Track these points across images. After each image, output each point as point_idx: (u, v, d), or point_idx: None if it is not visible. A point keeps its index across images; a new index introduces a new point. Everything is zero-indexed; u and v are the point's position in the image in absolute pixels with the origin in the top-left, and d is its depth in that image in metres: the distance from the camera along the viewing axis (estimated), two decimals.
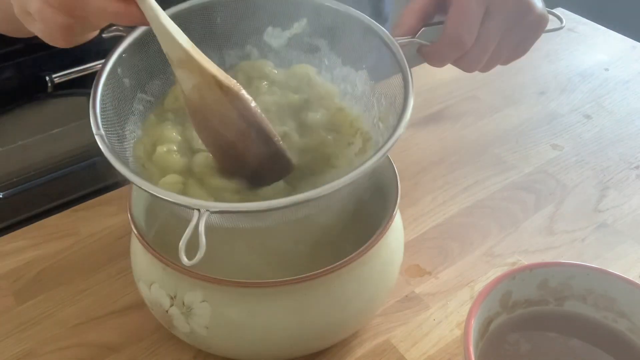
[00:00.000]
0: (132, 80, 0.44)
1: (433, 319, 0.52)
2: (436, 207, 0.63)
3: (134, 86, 0.44)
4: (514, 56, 0.46)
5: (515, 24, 0.43)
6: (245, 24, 0.45)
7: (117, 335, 0.51)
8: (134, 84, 0.44)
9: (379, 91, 0.45)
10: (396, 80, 0.42)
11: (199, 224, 0.33)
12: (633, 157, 0.70)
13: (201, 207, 0.34)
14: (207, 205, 0.34)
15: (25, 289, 0.54)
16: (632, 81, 0.82)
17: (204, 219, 0.33)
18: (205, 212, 0.34)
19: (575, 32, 0.93)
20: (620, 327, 0.45)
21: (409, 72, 0.41)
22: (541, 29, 0.44)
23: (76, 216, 0.61)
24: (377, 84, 0.45)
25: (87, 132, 0.41)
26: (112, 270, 0.56)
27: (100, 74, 0.41)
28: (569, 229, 0.61)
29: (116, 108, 0.42)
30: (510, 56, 0.46)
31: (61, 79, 1.05)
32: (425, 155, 0.69)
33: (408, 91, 0.40)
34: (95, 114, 0.39)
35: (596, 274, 0.45)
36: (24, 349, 0.50)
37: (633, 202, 0.65)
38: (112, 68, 0.42)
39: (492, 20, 0.41)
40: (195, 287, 0.42)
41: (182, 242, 0.33)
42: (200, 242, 0.33)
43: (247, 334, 0.43)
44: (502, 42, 0.43)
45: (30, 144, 1.12)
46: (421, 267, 0.57)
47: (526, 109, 0.78)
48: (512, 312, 0.46)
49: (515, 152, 0.71)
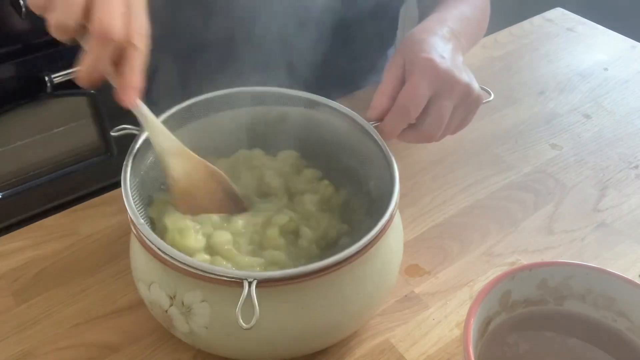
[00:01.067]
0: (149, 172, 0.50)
1: (432, 318, 0.52)
2: (436, 207, 0.63)
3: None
4: (460, 127, 0.57)
5: (460, 104, 0.53)
6: None
7: (116, 336, 0.51)
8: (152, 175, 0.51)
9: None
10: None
11: (251, 293, 0.38)
12: (632, 156, 0.70)
13: (249, 277, 0.39)
14: (255, 275, 0.39)
15: (24, 289, 0.54)
16: (631, 81, 0.83)
17: (254, 287, 0.38)
18: (254, 281, 0.39)
19: (574, 32, 0.93)
20: (620, 326, 0.45)
21: (393, 160, 0.48)
22: (479, 104, 0.55)
23: (75, 216, 0.61)
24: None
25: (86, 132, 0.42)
26: (111, 270, 0.56)
27: (125, 170, 0.46)
28: (568, 229, 0.61)
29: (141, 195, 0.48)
30: (457, 128, 0.56)
31: (60, 79, 1.05)
32: (424, 155, 0.69)
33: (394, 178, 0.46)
34: (131, 206, 0.44)
35: (595, 274, 0.45)
36: (23, 349, 0.50)
37: (632, 201, 0.65)
38: (133, 164, 0.47)
39: (443, 100, 0.51)
40: (195, 287, 0.42)
41: (238, 309, 0.38)
42: (255, 308, 0.38)
43: (247, 333, 0.43)
44: (452, 117, 0.53)
45: (30, 144, 1.12)
46: (421, 266, 0.57)
47: (525, 109, 0.78)
48: (511, 311, 0.46)
49: (515, 151, 0.71)
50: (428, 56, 0.52)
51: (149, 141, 0.49)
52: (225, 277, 0.40)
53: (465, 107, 0.53)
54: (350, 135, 0.53)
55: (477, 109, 0.56)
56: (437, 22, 0.58)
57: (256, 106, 0.55)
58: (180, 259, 0.40)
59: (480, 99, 0.55)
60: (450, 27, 0.57)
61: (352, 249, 0.41)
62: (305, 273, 0.40)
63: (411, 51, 0.53)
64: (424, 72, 0.51)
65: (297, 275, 0.40)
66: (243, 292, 0.38)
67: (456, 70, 0.52)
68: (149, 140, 0.49)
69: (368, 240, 0.42)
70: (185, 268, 0.40)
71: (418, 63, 0.51)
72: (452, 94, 0.51)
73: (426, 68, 0.51)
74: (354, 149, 0.53)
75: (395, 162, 0.48)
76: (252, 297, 0.38)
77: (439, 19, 0.59)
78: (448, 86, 0.51)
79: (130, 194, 0.45)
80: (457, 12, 0.62)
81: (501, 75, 0.83)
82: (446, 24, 0.57)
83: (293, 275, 0.40)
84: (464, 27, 0.60)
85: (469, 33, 0.57)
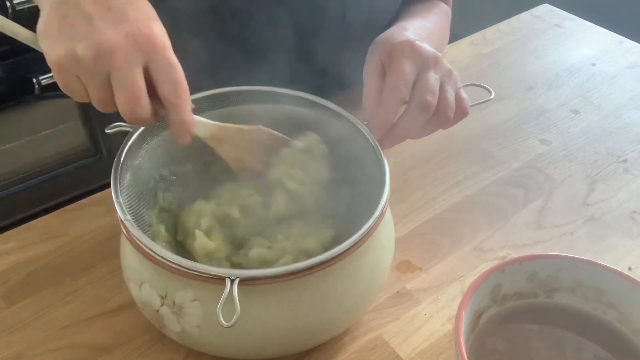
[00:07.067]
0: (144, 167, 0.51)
1: (424, 313, 0.53)
2: (426, 203, 0.64)
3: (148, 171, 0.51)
4: (461, 112, 0.53)
5: (446, 80, 0.52)
6: None
7: (107, 336, 0.50)
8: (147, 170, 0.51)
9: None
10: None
11: (232, 291, 0.38)
12: (620, 150, 0.71)
13: (232, 275, 0.39)
14: (237, 273, 0.39)
15: (14, 291, 0.54)
16: (618, 76, 0.83)
17: (236, 285, 0.38)
18: (236, 279, 0.38)
19: (562, 28, 0.93)
20: (609, 317, 0.46)
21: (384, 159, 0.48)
22: (460, 84, 0.54)
23: (65, 217, 0.61)
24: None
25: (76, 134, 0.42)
26: (102, 271, 0.56)
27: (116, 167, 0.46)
28: (558, 223, 0.62)
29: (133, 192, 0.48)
30: (459, 111, 0.53)
31: (48, 81, 1.05)
32: (414, 152, 0.69)
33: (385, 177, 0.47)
34: (119, 202, 0.44)
35: (585, 266, 0.45)
36: (13, 352, 0.49)
37: (621, 195, 0.65)
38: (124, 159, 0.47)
39: (429, 72, 0.51)
40: (186, 287, 0.42)
41: (219, 307, 0.37)
42: (236, 306, 0.37)
43: (239, 332, 0.43)
44: (444, 93, 0.52)
45: (19, 147, 1.11)
46: (412, 262, 0.57)
47: (514, 105, 0.78)
48: (502, 304, 0.46)
49: (504, 147, 0.71)
50: (406, 39, 0.53)
51: (141, 139, 0.49)
52: (207, 274, 0.40)
53: (451, 84, 0.53)
54: (341, 132, 0.53)
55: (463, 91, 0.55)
56: (399, 28, 0.58)
57: (254, 105, 0.54)
58: (171, 258, 0.40)
59: (459, 79, 0.55)
60: (412, 32, 0.57)
61: (343, 245, 0.41)
62: (295, 271, 0.40)
63: (386, 45, 0.53)
64: (405, 53, 0.51)
65: (285, 273, 0.40)
66: (225, 290, 0.38)
67: (434, 50, 0.53)
68: (140, 139, 0.49)
69: (359, 236, 0.42)
70: (175, 267, 0.40)
71: (397, 47, 0.52)
72: (436, 67, 0.51)
73: (406, 49, 0.52)
74: (344, 145, 0.53)
75: (385, 159, 0.48)
76: (234, 294, 0.38)
77: (401, 26, 0.60)
78: (431, 60, 0.51)
79: (120, 191, 0.44)
80: (418, 24, 0.63)
81: (490, 72, 0.84)
82: (408, 30, 0.58)
83: (279, 274, 0.40)
84: (425, 36, 0.61)
85: (430, 43, 0.58)
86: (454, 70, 0.53)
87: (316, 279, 0.42)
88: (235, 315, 0.37)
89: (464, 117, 0.54)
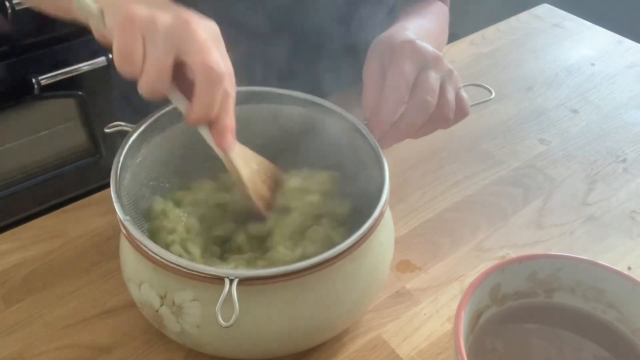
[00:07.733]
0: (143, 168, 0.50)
1: (424, 313, 0.53)
2: (426, 203, 0.64)
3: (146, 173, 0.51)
4: (462, 112, 0.54)
5: (447, 79, 0.52)
6: None
7: (107, 336, 0.50)
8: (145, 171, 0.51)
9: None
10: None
11: (231, 291, 0.38)
12: (620, 150, 0.71)
13: (231, 275, 0.39)
14: (236, 273, 0.39)
15: (13, 292, 0.54)
16: (618, 75, 0.83)
17: (235, 285, 0.38)
18: (235, 279, 0.38)
19: (561, 28, 0.93)
20: (609, 317, 0.45)
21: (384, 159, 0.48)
22: (461, 84, 0.54)
23: (64, 217, 0.61)
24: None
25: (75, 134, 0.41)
26: (101, 271, 0.56)
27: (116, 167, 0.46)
28: (558, 223, 0.62)
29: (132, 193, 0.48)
30: (459, 111, 0.54)
31: (48, 81, 1.05)
32: (414, 152, 0.69)
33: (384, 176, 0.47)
34: (119, 202, 0.44)
35: (585, 266, 0.45)
36: (12, 352, 0.49)
37: (620, 195, 0.65)
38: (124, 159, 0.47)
39: (429, 72, 0.51)
40: (186, 286, 0.42)
41: (218, 307, 0.37)
42: (235, 306, 0.37)
43: (239, 332, 0.43)
44: (444, 92, 0.52)
45: (18, 147, 1.11)
46: (411, 262, 0.57)
47: (514, 105, 0.78)
48: (501, 304, 0.46)
49: (504, 147, 0.71)
50: (406, 39, 0.53)
51: (141, 139, 0.49)
52: (206, 274, 0.40)
53: (452, 84, 0.53)
54: (340, 132, 0.53)
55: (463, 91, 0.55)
56: (399, 28, 0.58)
57: (252, 104, 0.54)
58: (170, 258, 0.40)
59: (459, 80, 0.55)
60: (412, 32, 0.57)
61: (343, 245, 0.41)
62: (295, 271, 0.40)
63: (386, 45, 0.53)
64: (406, 53, 0.52)
65: (284, 273, 0.40)
66: (224, 290, 0.38)
67: (434, 49, 0.53)
68: (140, 139, 0.49)
69: (359, 236, 0.42)
70: (174, 267, 0.40)
71: (398, 48, 0.52)
72: (437, 67, 0.52)
73: (406, 49, 0.52)
74: (344, 145, 0.53)
75: (385, 159, 0.48)
76: (233, 294, 0.38)
77: (401, 26, 0.60)
78: (432, 60, 0.52)
79: (119, 190, 0.44)
80: (417, 24, 0.63)
81: (489, 72, 0.84)
82: (408, 30, 0.58)
83: (279, 274, 0.40)
84: (425, 36, 0.61)
85: (429, 42, 0.58)
86: (454, 70, 0.53)
87: (316, 279, 0.42)
88: (234, 315, 0.37)
89: (464, 117, 0.54)
